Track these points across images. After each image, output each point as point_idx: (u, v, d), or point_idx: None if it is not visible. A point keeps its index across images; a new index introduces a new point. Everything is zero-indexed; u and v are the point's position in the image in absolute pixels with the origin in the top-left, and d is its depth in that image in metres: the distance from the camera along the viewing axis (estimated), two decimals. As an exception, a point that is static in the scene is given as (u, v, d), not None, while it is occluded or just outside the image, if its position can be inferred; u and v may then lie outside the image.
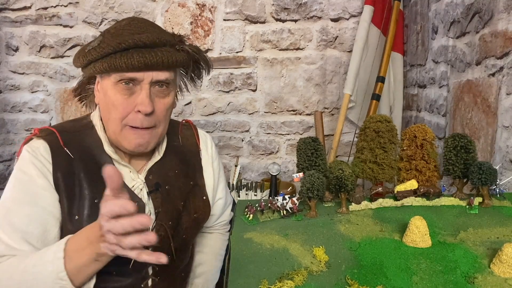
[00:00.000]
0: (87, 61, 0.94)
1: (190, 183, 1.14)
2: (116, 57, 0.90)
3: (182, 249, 1.13)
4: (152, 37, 0.93)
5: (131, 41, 0.90)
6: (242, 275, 0.86)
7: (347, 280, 0.82)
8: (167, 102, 1.01)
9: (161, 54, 0.93)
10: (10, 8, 2.69)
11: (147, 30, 0.95)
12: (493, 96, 1.50)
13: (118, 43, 0.90)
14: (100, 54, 0.91)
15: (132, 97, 0.95)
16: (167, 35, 0.98)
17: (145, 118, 0.96)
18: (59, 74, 2.78)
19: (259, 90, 2.80)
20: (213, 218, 1.26)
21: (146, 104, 0.94)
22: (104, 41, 0.93)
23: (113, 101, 0.95)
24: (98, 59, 0.93)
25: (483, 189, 1.14)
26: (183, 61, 1.00)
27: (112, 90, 0.95)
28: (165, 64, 0.93)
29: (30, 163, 0.94)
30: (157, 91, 0.97)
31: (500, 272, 0.81)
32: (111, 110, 0.96)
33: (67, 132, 1.01)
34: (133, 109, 0.95)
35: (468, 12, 1.68)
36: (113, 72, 0.93)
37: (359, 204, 1.18)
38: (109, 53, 0.91)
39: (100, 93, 1.00)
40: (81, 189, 0.96)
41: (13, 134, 2.85)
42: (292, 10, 2.68)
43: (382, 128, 1.23)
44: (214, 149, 1.25)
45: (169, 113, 1.05)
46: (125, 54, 0.90)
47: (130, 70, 0.92)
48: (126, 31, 0.93)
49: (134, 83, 0.94)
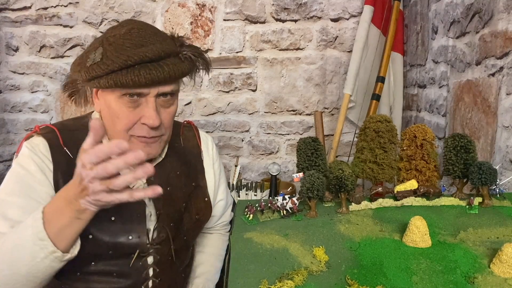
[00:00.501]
0: (90, 76, 0.91)
1: (192, 184, 1.14)
2: (122, 74, 0.88)
3: (182, 251, 1.13)
4: (156, 50, 0.90)
5: (136, 57, 0.88)
6: (242, 275, 0.86)
7: (347, 280, 0.82)
8: (172, 110, 1.01)
9: (168, 68, 0.90)
10: (10, 8, 2.69)
11: (149, 41, 0.92)
12: (493, 96, 1.50)
13: (123, 60, 0.87)
14: (105, 71, 0.88)
15: (137, 110, 0.94)
16: (169, 44, 0.95)
17: (151, 130, 0.95)
18: (59, 74, 2.78)
19: (259, 90, 2.80)
20: (214, 219, 1.26)
21: (154, 118, 0.93)
22: (107, 56, 0.90)
23: (118, 113, 0.94)
24: (102, 76, 0.90)
25: (483, 189, 1.14)
26: (188, 70, 0.99)
27: (117, 103, 0.93)
28: (172, 77, 0.92)
29: (29, 158, 0.94)
30: (162, 101, 0.97)
31: (500, 272, 0.81)
32: (116, 122, 0.95)
33: (67, 130, 1.01)
34: (138, 120, 0.95)
35: (468, 12, 1.68)
36: (118, 88, 0.91)
37: (359, 204, 1.18)
38: (114, 70, 0.88)
39: (101, 103, 0.98)
40: None
41: (13, 134, 2.85)
42: (292, 10, 2.68)
43: (382, 128, 1.23)
44: (215, 151, 1.25)
45: (173, 118, 1.05)
46: (131, 71, 0.88)
47: (137, 87, 0.90)
48: (127, 42, 0.90)
49: (139, 96, 0.93)
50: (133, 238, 0.98)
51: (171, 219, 1.05)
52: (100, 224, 0.95)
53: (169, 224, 1.05)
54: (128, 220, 0.99)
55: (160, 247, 1.03)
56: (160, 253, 1.04)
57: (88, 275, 0.99)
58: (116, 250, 0.97)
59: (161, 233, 1.03)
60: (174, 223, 1.06)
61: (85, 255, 0.95)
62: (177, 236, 1.08)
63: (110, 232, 0.96)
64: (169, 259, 1.06)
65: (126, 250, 0.98)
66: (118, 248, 0.97)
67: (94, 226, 0.94)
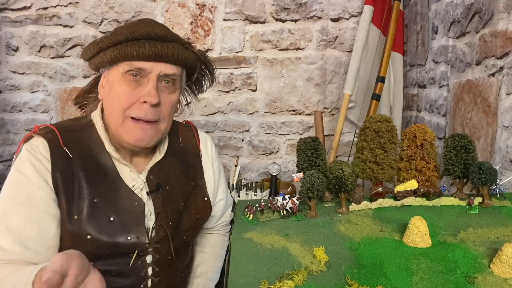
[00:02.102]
0: (98, 48, 0.95)
1: (191, 183, 1.14)
2: (127, 45, 0.92)
3: (182, 250, 1.13)
4: (164, 31, 0.96)
5: (144, 30, 0.92)
6: (242, 275, 0.86)
7: (347, 280, 0.82)
8: (172, 99, 1.02)
9: (172, 47, 0.95)
10: (10, 8, 2.69)
11: (158, 26, 0.99)
12: (493, 96, 1.50)
13: (131, 31, 0.92)
14: (112, 41, 0.93)
15: (138, 89, 0.96)
16: (176, 35, 1.00)
17: (149, 109, 0.96)
18: (59, 74, 2.78)
19: (259, 90, 2.80)
20: (214, 219, 1.26)
21: (153, 94, 0.95)
22: (117, 30, 0.96)
23: (119, 91, 0.96)
24: (109, 47, 0.94)
25: (483, 189, 1.14)
26: (192, 60, 1.02)
27: (119, 81, 0.96)
28: (175, 56, 0.95)
29: (27, 162, 0.93)
30: (163, 86, 0.99)
31: (500, 272, 0.81)
32: (114, 102, 0.97)
33: (67, 130, 1.01)
34: (137, 100, 0.96)
35: (468, 12, 1.68)
36: (123, 60, 0.94)
37: (359, 204, 1.18)
38: (121, 41, 0.92)
39: (105, 87, 1.01)
40: (80, 189, 0.96)
41: (13, 134, 2.85)
42: (292, 10, 2.68)
43: (382, 128, 1.23)
44: (214, 150, 1.25)
45: (173, 112, 1.05)
46: (136, 43, 0.92)
47: (141, 59, 0.93)
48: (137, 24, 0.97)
49: (141, 75, 0.95)
50: (132, 238, 0.98)
51: (169, 218, 1.05)
52: (99, 224, 0.95)
53: (168, 223, 1.05)
54: (127, 221, 0.99)
55: (159, 246, 1.03)
56: (159, 252, 1.04)
57: None
58: (115, 250, 0.97)
59: (159, 232, 1.03)
60: (173, 222, 1.06)
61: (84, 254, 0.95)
62: (177, 235, 1.08)
63: (109, 233, 0.96)
64: (169, 258, 1.06)
65: (125, 250, 0.98)
66: (117, 248, 0.97)
67: (92, 226, 0.94)
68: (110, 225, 0.97)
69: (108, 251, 0.97)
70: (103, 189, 0.98)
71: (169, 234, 1.04)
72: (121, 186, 1.01)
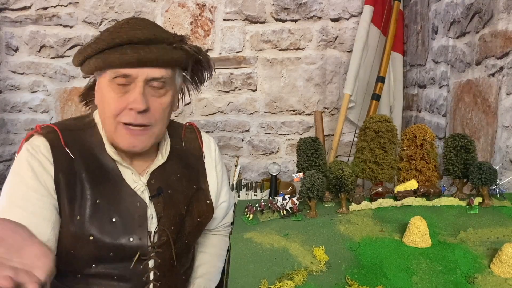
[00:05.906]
0: (82, 57, 0.94)
1: (194, 187, 1.13)
2: (110, 52, 0.89)
3: (184, 254, 1.12)
4: (147, 33, 0.91)
5: (125, 36, 0.89)
6: (242, 275, 0.85)
7: (347, 280, 0.82)
8: (164, 101, 0.98)
9: (156, 51, 0.91)
10: (10, 8, 2.69)
11: (145, 28, 0.93)
12: (493, 96, 1.50)
13: (112, 38, 0.89)
14: (95, 50, 0.90)
15: (126, 96, 0.93)
16: (165, 33, 0.96)
17: (138, 115, 0.93)
18: (59, 74, 2.78)
19: (259, 90, 2.80)
20: (216, 221, 1.25)
21: (139, 101, 0.91)
22: (99, 37, 0.92)
23: (108, 98, 0.94)
24: (92, 55, 0.92)
25: (483, 189, 1.14)
26: (180, 60, 0.98)
27: (107, 88, 0.94)
28: (159, 60, 0.92)
29: (26, 163, 0.92)
30: (152, 90, 0.95)
31: (500, 272, 0.81)
32: (106, 109, 0.95)
33: (69, 130, 1.00)
34: (126, 107, 0.93)
35: (468, 12, 1.68)
36: (107, 68, 0.91)
37: (359, 204, 1.18)
38: (103, 48, 0.90)
39: (98, 92, 0.99)
40: (82, 189, 0.95)
41: (13, 134, 2.85)
42: (292, 10, 2.68)
43: (382, 128, 1.23)
44: (217, 153, 1.23)
45: (167, 114, 1.02)
46: (119, 50, 0.89)
47: (124, 66, 0.90)
48: (123, 29, 0.92)
49: (128, 81, 0.92)
50: (134, 240, 0.98)
51: (172, 222, 1.04)
52: (101, 225, 0.94)
53: (170, 227, 1.04)
54: (129, 222, 0.98)
55: (161, 251, 1.03)
56: (161, 257, 1.03)
57: (89, 278, 0.98)
58: (117, 252, 0.97)
59: (162, 236, 1.02)
60: (175, 226, 1.05)
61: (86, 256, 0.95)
62: (179, 239, 1.07)
63: (111, 234, 0.96)
64: (170, 262, 1.05)
65: (127, 252, 0.98)
66: (119, 250, 0.97)
67: (95, 227, 0.94)
68: (113, 226, 0.96)
69: (110, 253, 0.96)
70: (105, 190, 0.98)
71: (171, 239, 1.03)
72: (123, 186, 1.00)
